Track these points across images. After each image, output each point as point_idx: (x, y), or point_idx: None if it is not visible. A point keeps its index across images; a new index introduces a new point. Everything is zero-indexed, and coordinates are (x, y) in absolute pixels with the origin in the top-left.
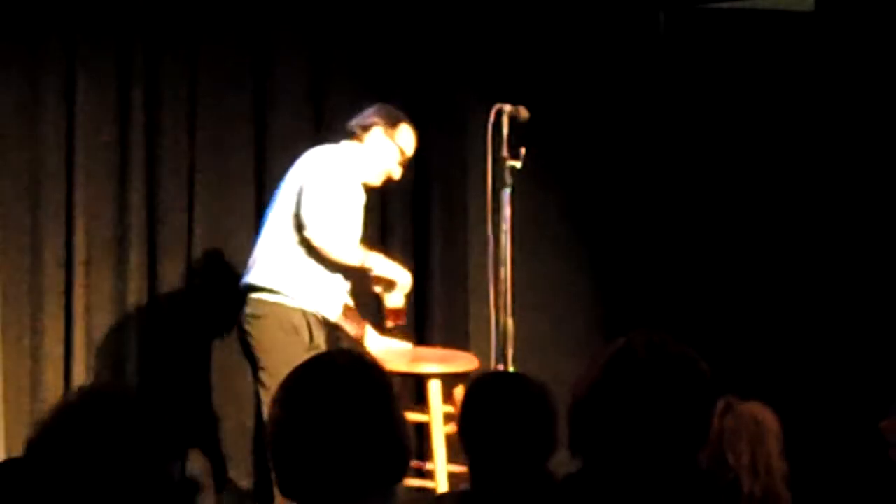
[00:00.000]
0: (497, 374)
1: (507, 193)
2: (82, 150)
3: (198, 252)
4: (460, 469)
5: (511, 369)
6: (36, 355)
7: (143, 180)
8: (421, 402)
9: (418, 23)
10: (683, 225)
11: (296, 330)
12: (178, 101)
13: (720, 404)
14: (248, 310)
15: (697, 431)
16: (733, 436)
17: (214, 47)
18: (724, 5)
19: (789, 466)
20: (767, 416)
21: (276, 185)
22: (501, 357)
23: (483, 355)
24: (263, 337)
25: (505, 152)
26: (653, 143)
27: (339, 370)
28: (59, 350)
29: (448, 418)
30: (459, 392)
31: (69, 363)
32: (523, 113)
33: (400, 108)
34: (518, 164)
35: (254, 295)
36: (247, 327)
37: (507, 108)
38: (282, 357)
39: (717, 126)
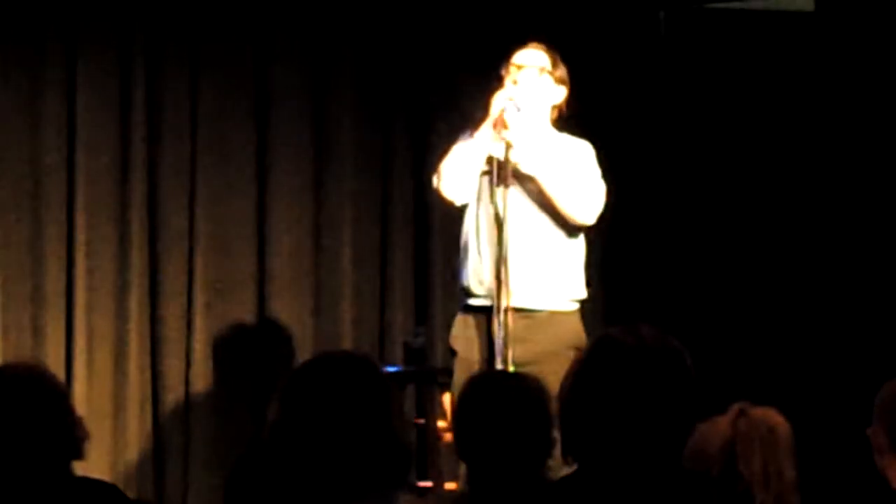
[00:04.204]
0: (492, 373)
1: (507, 192)
2: (83, 150)
3: (198, 252)
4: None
5: (511, 369)
6: (36, 355)
7: (144, 180)
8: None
9: (418, 22)
10: (684, 225)
11: None
12: (178, 100)
13: (733, 409)
14: None
15: (680, 418)
16: (746, 444)
17: (215, 47)
18: (724, 5)
19: (798, 472)
20: (780, 423)
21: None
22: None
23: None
24: None
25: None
26: (653, 143)
27: (338, 371)
28: (60, 350)
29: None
30: (447, 398)
31: (69, 363)
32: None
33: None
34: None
35: None
36: None
37: (508, 106)
38: None
39: (718, 126)
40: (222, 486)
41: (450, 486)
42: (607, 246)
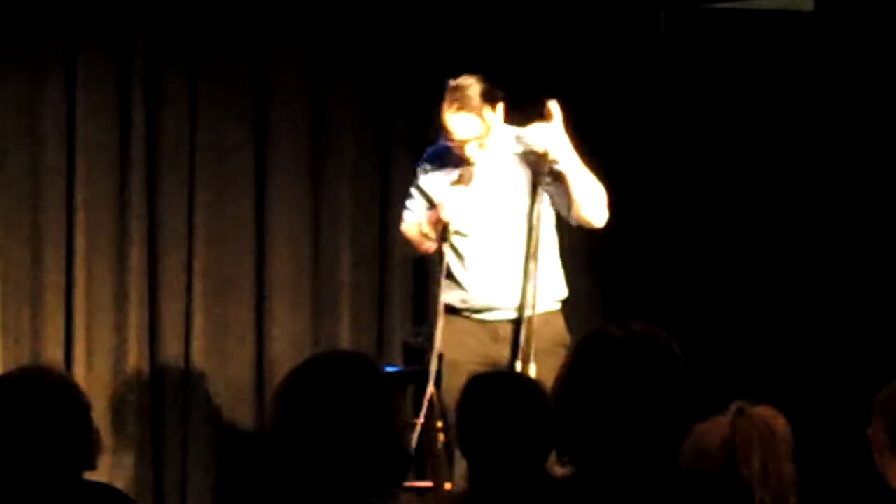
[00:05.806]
0: (494, 373)
1: (540, 196)
2: (82, 150)
3: (198, 252)
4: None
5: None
6: (36, 355)
7: (143, 180)
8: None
9: (417, 22)
10: (684, 225)
11: None
12: (178, 100)
13: (732, 408)
14: None
15: (673, 413)
16: (746, 442)
17: (214, 47)
18: (725, 5)
19: (798, 472)
20: (779, 422)
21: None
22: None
23: None
24: None
25: None
26: (653, 143)
27: (337, 370)
28: (60, 350)
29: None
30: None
31: (69, 363)
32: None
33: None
34: None
35: None
36: None
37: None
38: None
39: (718, 126)
40: (222, 486)
41: (449, 486)
42: (607, 245)
